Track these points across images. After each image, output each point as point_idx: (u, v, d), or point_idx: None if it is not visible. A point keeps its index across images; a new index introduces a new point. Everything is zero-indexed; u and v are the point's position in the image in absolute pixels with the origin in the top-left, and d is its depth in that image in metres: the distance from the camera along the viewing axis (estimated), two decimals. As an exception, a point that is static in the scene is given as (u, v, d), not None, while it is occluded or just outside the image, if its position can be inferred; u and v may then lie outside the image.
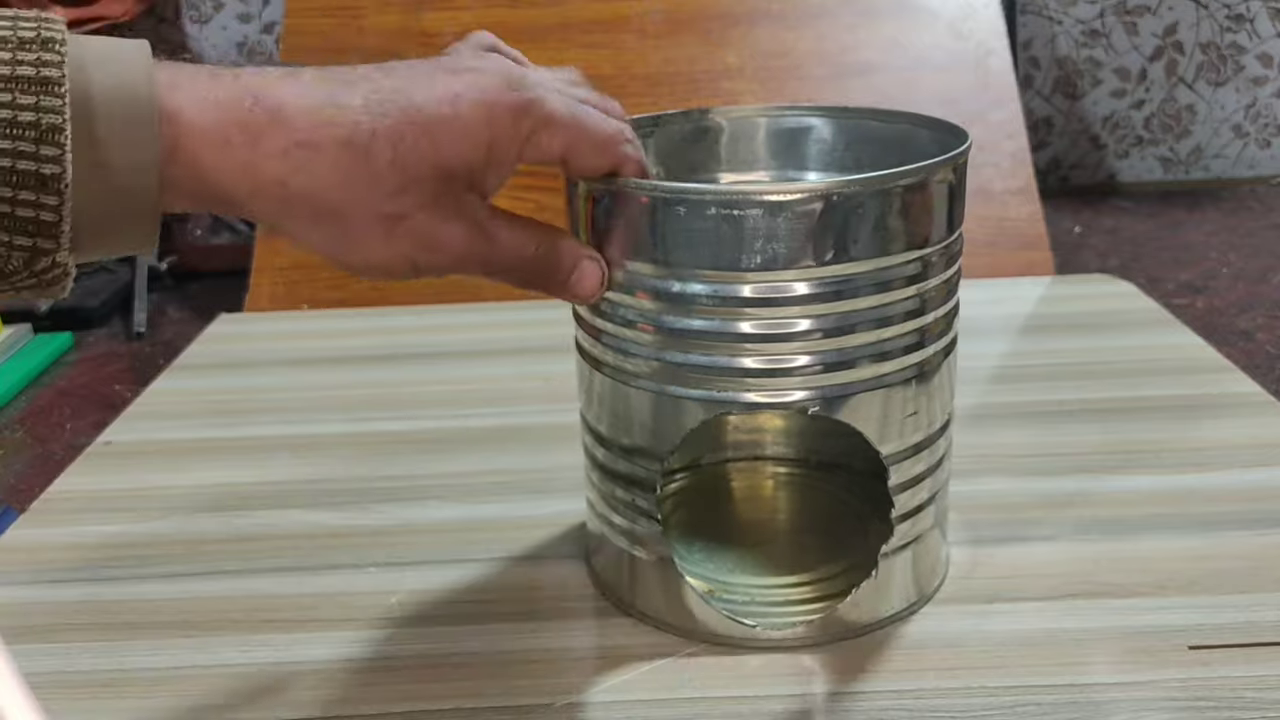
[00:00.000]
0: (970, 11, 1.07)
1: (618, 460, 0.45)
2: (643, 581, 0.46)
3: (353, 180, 0.35)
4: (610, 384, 0.44)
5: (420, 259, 0.37)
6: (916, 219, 0.40)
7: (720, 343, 0.40)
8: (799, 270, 0.39)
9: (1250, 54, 2.22)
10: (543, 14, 1.06)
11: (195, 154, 0.33)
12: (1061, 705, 0.40)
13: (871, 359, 0.41)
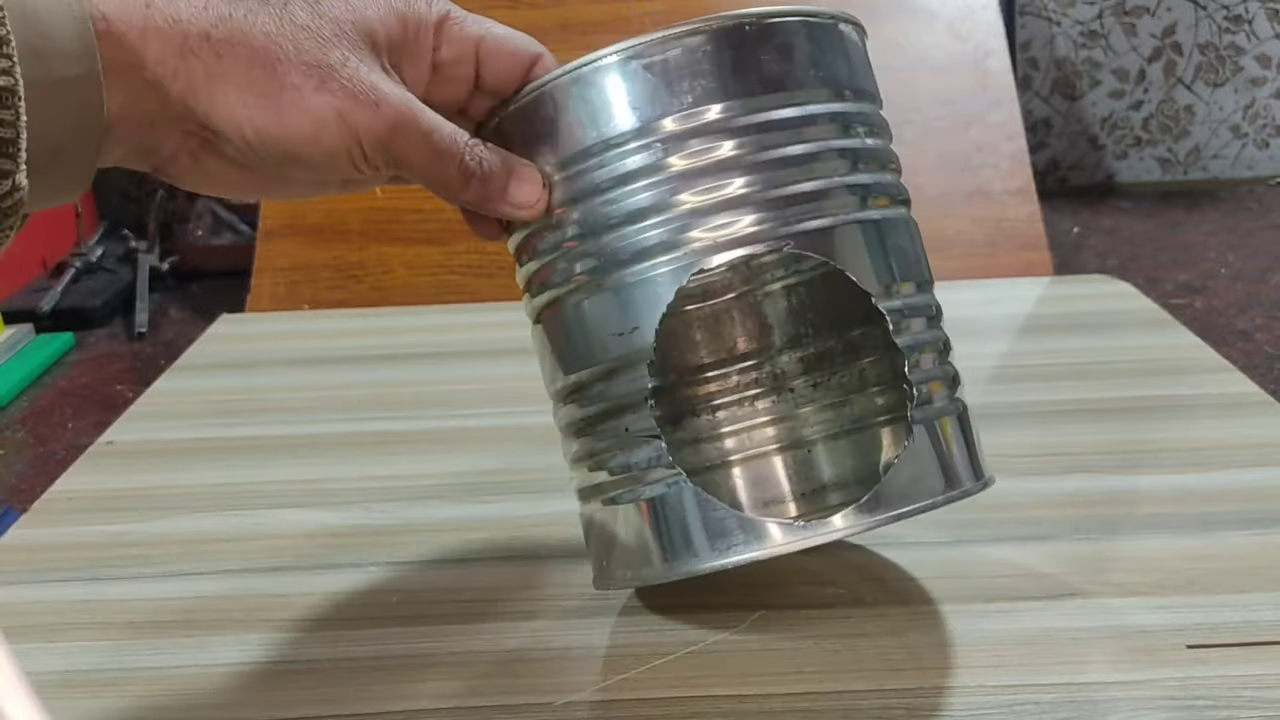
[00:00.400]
0: (969, 12, 1.07)
1: (599, 400, 0.41)
2: (672, 527, 0.40)
3: (278, 28, 0.35)
4: (570, 310, 0.41)
5: (358, 117, 0.36)
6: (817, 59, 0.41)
7: (662, 198, 0.39)
8: (718, 109, 0.39)
9: (1249, 55, 2.22)
10: (542, 15, 1.06)
11: (125, 22, 0.34)
12: (1060, 704, 0.40)
13: (819, 196, 0.39)
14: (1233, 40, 2.23)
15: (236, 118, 0.35)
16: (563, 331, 0.41)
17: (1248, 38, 2.23)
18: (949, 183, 0.99)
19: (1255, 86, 2.25)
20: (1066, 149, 2.28)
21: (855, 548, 0.51)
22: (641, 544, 0.41)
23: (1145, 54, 2.24)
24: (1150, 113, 2.26)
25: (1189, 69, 2.25)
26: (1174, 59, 2.24)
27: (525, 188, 0.40)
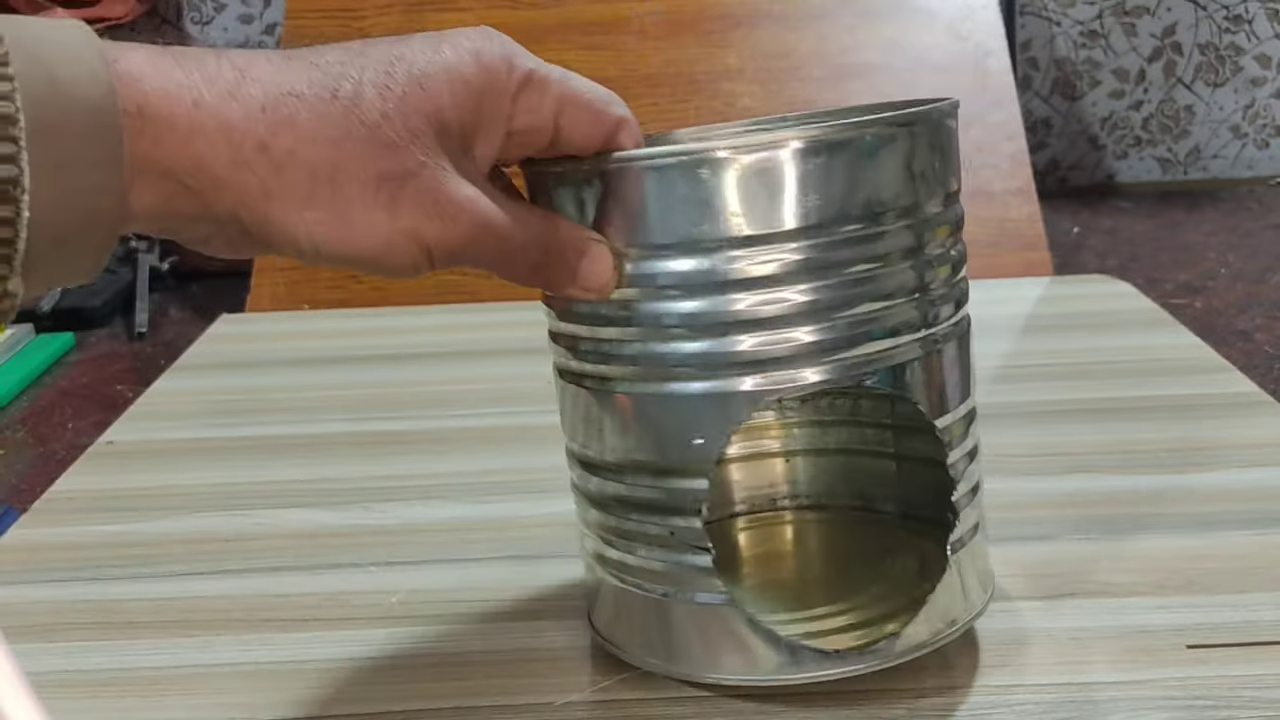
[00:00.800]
0: (969, 13, 1.07)
1: (642, 489, 0.39)
2: (683, 630, 0.40)
3: (345, 132, 0.31)
4: (631, 399, 0.38)
5: (429, 231, 0.33)
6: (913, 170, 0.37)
7: (747, 311, 0.36)
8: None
9: (1249, 55, 2.22)
10: (543, 15, 1.06)
11: (166, 120, 0.29)
12: (1060, 704, 0.40)
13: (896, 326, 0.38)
14: (1233, 40, 2.23)
15: (294, 233, 0.32)
16: (617, 416, 0.39)
17: (1248, 38, 2.23)
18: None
19: (1255, 86, 2.25)
20: (1066, 149, 2.28)
21: (855, 548, 0.51)
22: (672, 639, 0.41)
23: (1145, 54, 2.24)
24: (1150, 113, 2.26)
25: (1189, 69, 2.25)
26: (1174, 59, 2.24)
27: (596, 269, 0.37)
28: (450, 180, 0.33)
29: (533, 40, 0.41)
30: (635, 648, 0.42)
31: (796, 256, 0.36)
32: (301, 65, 0.31)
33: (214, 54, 0.31)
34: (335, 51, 0.32)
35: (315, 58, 0.32)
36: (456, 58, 0.33)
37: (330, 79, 0.31)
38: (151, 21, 2.17)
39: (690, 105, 1.05)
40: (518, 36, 0.37)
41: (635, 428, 0.39)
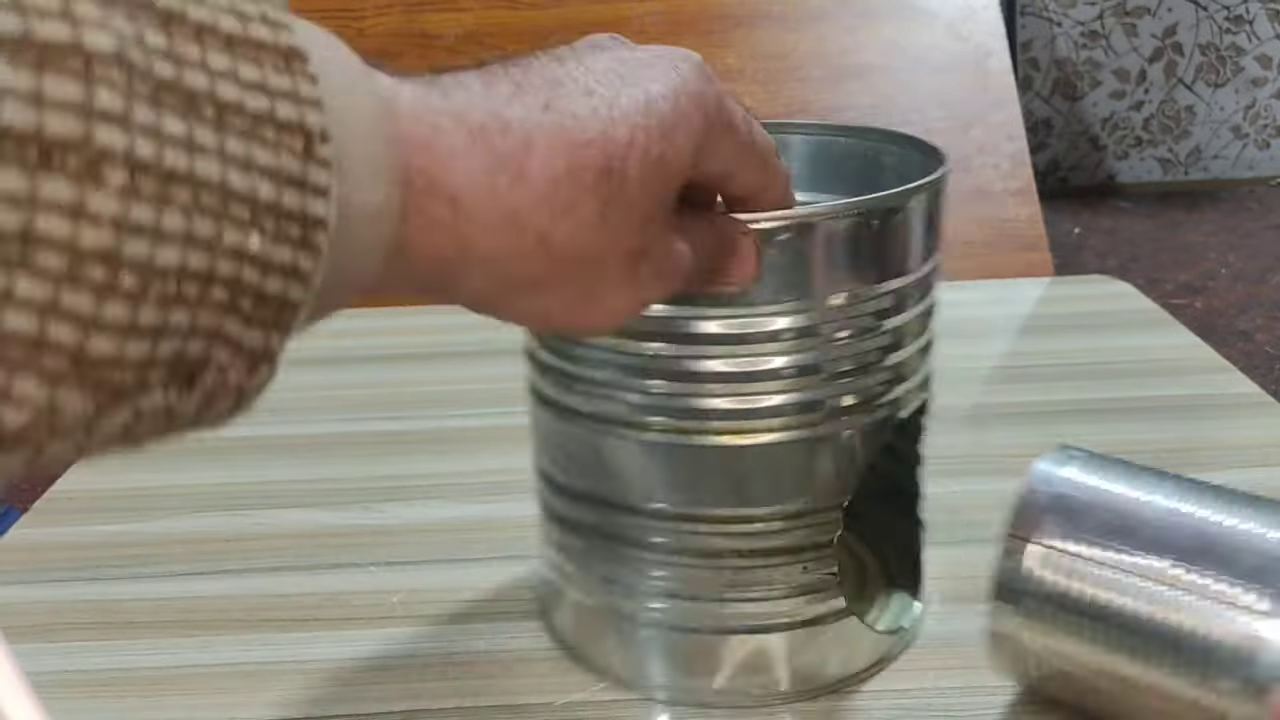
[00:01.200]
0: (969, 13, 1.07)
1: (627, 526, 0.40)
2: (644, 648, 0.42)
3: (611, 216, 0.28)
4: (642, 447, 0.39)
5: (653, 296, 0.31)
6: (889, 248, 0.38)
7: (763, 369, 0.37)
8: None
9: (1249, 55, 2.22)
10: (543, 15, 1.06)
11: (453, 198, 0.26)
12: (1062, 703, 0.40)
13: None
14: (1233, 41, 2.23)
15: (529, 312, 0.30)
16: (625, 461, 0.40)
17: (1248, 38, 2.23)
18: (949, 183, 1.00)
19: (1256, 87, 2.25)
20: (1067, 149, 2.28)
21: (855, 548, 0.51)
22: (630, 655, 0.43)
23: (1146, 54, 2.24)
24: (1151, 113, 2.26)
25: (1190, 69, 2.25)
26: (1175, 59, 2.24)
27: (745, 265, 0.35)
28: (673, 239, 0.31)
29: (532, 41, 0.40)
30: (595, 657, 0.44)
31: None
32: (567, 121, 0.28)
33: (496, 119, 0.27)
34: (585, 98, 0.29)
35: (574, 106, 0.28)
36: (690, 106, 0.30)
37: (599, 147, 0.28)
38: (152, 22, 2.17)
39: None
40: (517, 37, 0.37)
41: (636, 472, 0.40)
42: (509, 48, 1.06)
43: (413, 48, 1.07)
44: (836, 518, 0.40)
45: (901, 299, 0.39)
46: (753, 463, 0.39)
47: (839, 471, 0.39)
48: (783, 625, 0.41)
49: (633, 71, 0.30)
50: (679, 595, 0.40)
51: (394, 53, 1.07)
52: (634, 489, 0.40)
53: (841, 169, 0.47)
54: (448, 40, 1.07)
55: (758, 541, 0.40)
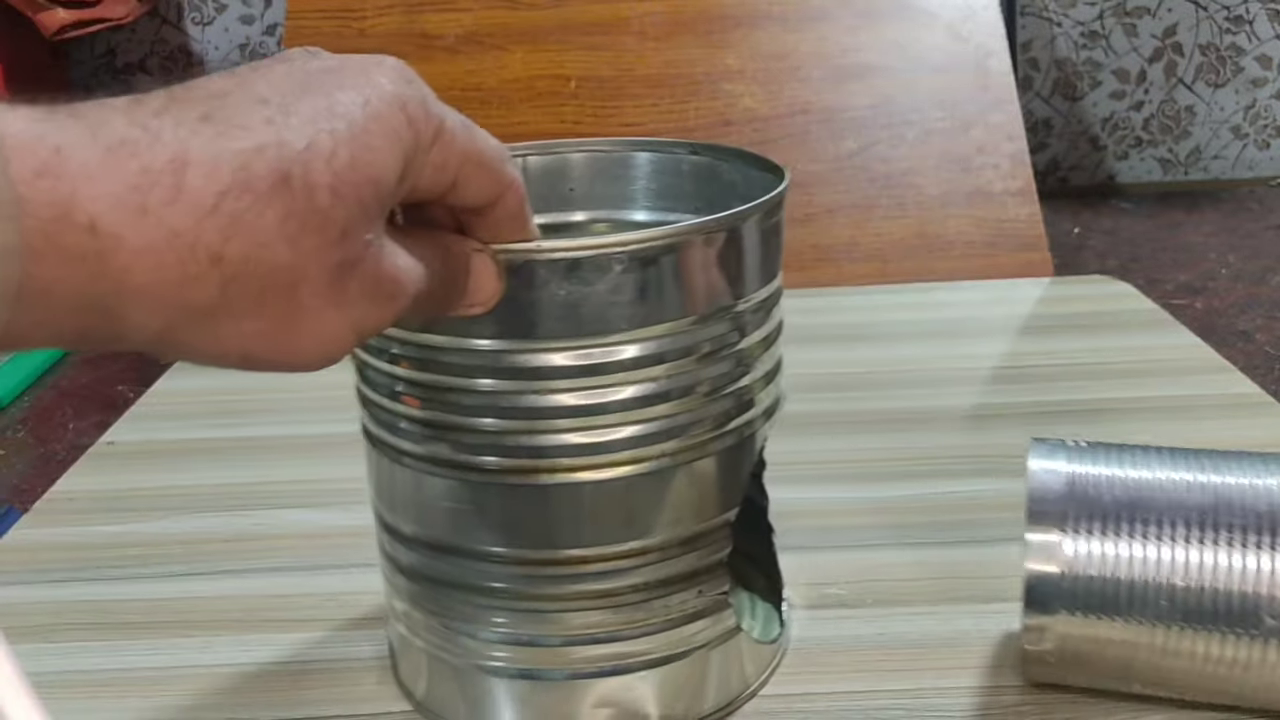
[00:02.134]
0: (970, 13, 1.07)
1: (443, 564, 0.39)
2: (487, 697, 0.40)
3: (301, 226, 0.26)
4: (505, 493, 0.37)
5: (371, 318, 0.29)
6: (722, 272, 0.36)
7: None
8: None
9: (1249, 55, 2.22)
10: (543, 15, 1.06)
11: (92, 225, 0.23)
12: (1062, 704, 0.40)
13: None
14: (1233, 41, 2.23)
15: (223, 349, 0.27)
16: (459, 503, 0.37)
17: (1248, 38, 2.23)
18: (949, 183, 0.99)
19: (1256, 87, 2.25)
20: (1067, 149, 2.28)
21: (855, 547, 0.51)
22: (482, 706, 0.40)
23: (1146, 54, 2.24)
24: (1151, 113, 2.26)
25: (1190, 69, 2.25)
26: (1175, 59, 2.24)
27: (484, 284, 0.33)
28: (386, 252, 0.28)
29: (532, 41, 0.40)
30: (445, 712, 0.41)
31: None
32: (232, 130, 0.25)
33: (123, 116, 0.24)
34: (255, 107, 0.26)
35: (241, 116, 0.25)
36: (386, 108, 0.28)
37: (273, 155, 0.25)
38: (152, 23, 2.17)
39: (690, 106, 1.05)
40: (517, 37, 0.36)
41: (439, 511, 0.38)
42: (509, 48, 1.06)
43: (413, 48, 1.07)
44: (687, 548, 0.38)
45: (742, 321, 0.37)
46: (601, 499, 0.36)
47: (693, 500, 0.38)
48: (641, 664, 0.39)
49: (315, 79, 0.28)
50: (523, 641, 0.38)
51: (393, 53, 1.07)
52: (471, 532, 0.37)
53: (686, 187, 0.45)
54: (448, 40, 1.07)
55: (610, 581, 0.37)
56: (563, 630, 0.38)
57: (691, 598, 0.39)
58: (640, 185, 0.46)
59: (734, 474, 0.39)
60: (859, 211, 0.99)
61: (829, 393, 0.67)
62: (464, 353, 0.35)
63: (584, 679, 0.39)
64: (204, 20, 2.12)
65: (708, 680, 0.40)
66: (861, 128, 1.02)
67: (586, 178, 0.46)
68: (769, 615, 0.45)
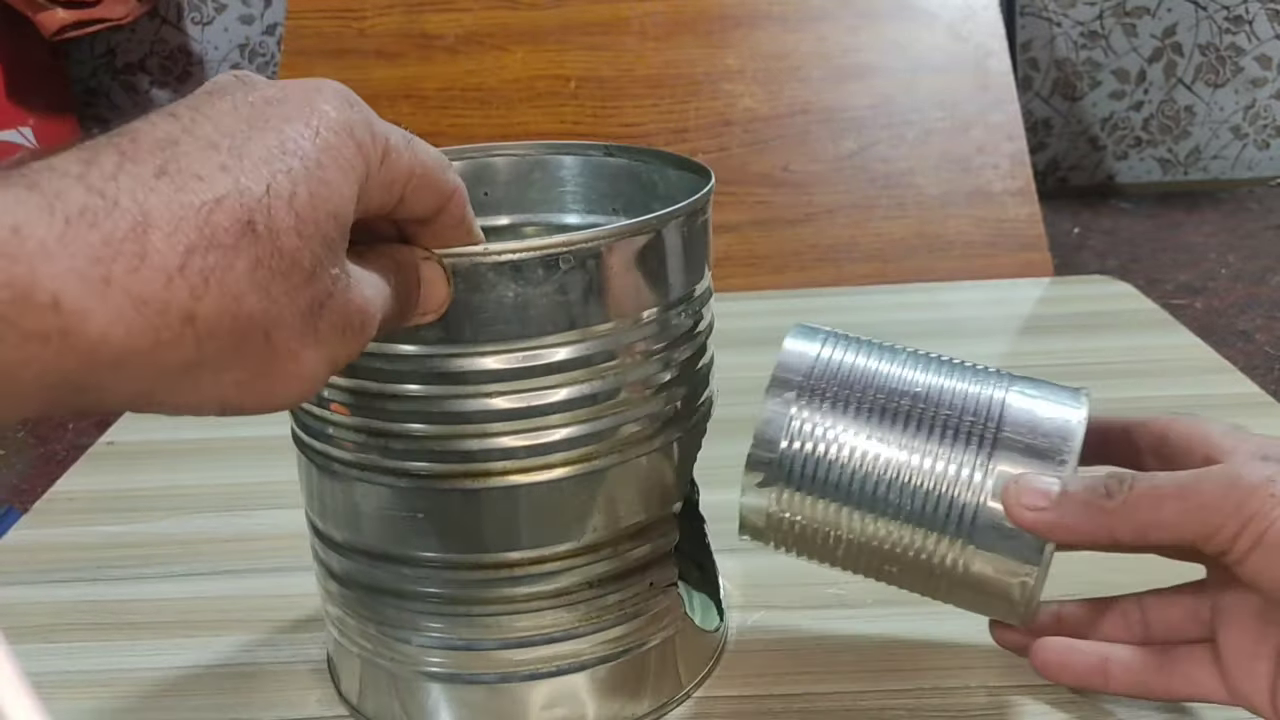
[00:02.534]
0: (969, 13, 1.07)
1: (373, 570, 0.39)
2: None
3: (271, 272, 0.25)
4: (443, 498, 0.37)
5: (342, 352, 0.28)
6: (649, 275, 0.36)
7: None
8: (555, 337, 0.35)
9: (1249, 55, 2.22)
10: (543, 15, 1.06)
11: (55, 303, 0.22)
12: (1062, 704, 0.41)
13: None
14: (1233, 41, 2.23)
15: (201, 401, 0.26)
16: (389, 509, 0.37)
17: (1248, 38, 2.23)
18: (949, 183, 1.00)
19: (1256, 87, 2.25)
20: (1067, 149, 2.28)
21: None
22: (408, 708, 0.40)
23: (1146, 54, 2.24)
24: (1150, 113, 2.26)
25: (1189, 69, 2.25)
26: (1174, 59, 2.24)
27: (434, 291, 0.33)
28: (352, 285, 0.28)
29: (533, 41, 0.40)
30: (361, 698, 0.42)
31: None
32: (190, 182, 0.25)
33: (79, 184, 0.24)
34: (208, 153, 0.25)
35: (196, 165, 0.25)
36: (335, 138, 0.27)
37: (236, 205, 0.25)
38: (152, 23, 2.17)
39: (690, 106, 1.05)
40: (517, 37, 0.36)
41: (368, 517, 0.38)
42: (509, 48, 1.06)
43: (413, 48, 1.07)
44: (621, 548, 0.38)
45: (671, 320, 0.38)
46: (533, 502, 0.36)
47: (628, 500, 0.38)
48: (577, 665, 0.39)
49: (260, 113, 0.27)
50: (458, 646, 0.38)
51: (394, 53, 1.07)
52: (403, 538, 0.37)
53: (606, 189, 0.45)
54: (448, 40, 1.07)
55: (546, 584, 0.38)
56: (497, 634, 0.38)
57: (628, 596, 0.39)
58: (562, 189, 0.46)
59: (668, 473, 0.39)
60: (859, 211, 0.99)
61: (829, 393, 0.67)
62: (391, 358, 0.35)
63: (520, 681, 0.39)
64: (204, 20, 2.12)
65: (645, 680, 0.41)
66: (861, 128, 1.02)
67: (507, 182, 0.46)
68: (707, 605, 0.45)
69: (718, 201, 0.41)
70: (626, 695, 0.40)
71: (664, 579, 0.40)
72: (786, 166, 1.00)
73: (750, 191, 0.99)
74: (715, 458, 0.48)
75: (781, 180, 1.00)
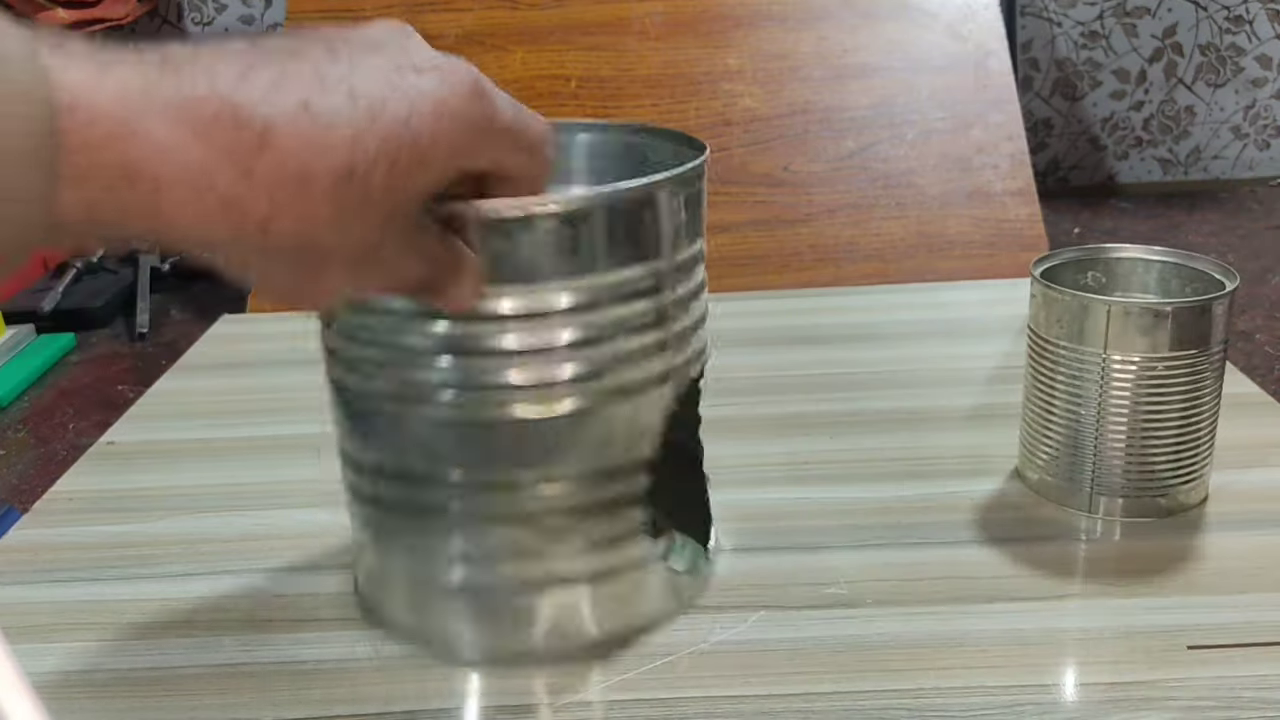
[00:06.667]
0: (970, 13, 1.07)
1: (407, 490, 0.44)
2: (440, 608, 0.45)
3: (346, 216, 0.29)
4: (444, 422, 0.42)
5: (371, 286, 0.34)
6: (647, 231, 0.41)
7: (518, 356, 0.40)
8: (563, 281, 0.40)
9: (1249, 55, 2.22)
10: (543, 15, 1.06)
11: (161, 188, 0.27)
12: (1060, 704, 0.41)
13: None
14: (1233, 41, 2.23)
15: (265, 279, 0.32)
16: (419, 436, 0.42)
17: (1248, 38, 2.23)
18: (949, 183, 0.99)
19: (1256, 87, 2.25)
20: (1067, 149, 2.28)
21: (855, 547, 0.51)
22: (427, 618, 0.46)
23: (1146, 55, 2.24)
24: (1151, 113, 2.26)
25: (1190, 70, 2.25)
26: (1175, 60, 2.24)
27: (463, 291, 0.37)
28: (407, 249, 0.33)
29: (533, 41, 0.41)
30: (406, 626, 0.46)
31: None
32: (320, 124, 0.28)
33: (227, 106, 0.27)
34: (347, 102, 0.29)
35: (332, 112, 0.28)
36: (453, 129, 0.31)
37: (343, 156, 0.28)
38: (152, 23, 2.17)
39: (690, 106, 1.05)
40: (518, 37, 0.37)
41: (400, 443, 0.43)
42: (509, 48, 1.06)
43: (413, 48, 1.07)
44: (632, 477, 0.43)
45: (662, 277, 0.42)
46: (545, 431, 0.41)
47: (629, 434, 0.42)
48: (582, 579, 0.44)
49: (403, 81, 0.30)
50: (478, 560, 0.43)
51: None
52: (424, 462, 0.42)
53: (617, 163, 0.50)
54: (448, 40, 1.07)
55: (555, 503, 0.42)
56: (510, 550, 0.43)
57: (625, 522, 0.44)
58: (575, 164, 0.51)
59: (665, 413, 0.43)
60: (859, 211, 0.99)
61: (829, 393, 0.67)
62: None
63: (528, 594, 0.44)
64: (204, 20, 2.13)
65: (645, 598, 0.46)
66: (861, 128, 1.02)
67: None
68: (696, 551, 0.48)
69: (718, 202, 0.41)
70: (628, 611, 0.45)
71: (662, 511, 0.44)
72: (786, 166, 1.00)
73: (750, 191, 0.99)
74: (717, 457, 0.48)
75: (781, 180, 1.00)
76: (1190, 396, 0.49)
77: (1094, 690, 0.41)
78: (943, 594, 0.47)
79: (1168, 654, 0.43)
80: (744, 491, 0.56)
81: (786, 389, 0.68)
